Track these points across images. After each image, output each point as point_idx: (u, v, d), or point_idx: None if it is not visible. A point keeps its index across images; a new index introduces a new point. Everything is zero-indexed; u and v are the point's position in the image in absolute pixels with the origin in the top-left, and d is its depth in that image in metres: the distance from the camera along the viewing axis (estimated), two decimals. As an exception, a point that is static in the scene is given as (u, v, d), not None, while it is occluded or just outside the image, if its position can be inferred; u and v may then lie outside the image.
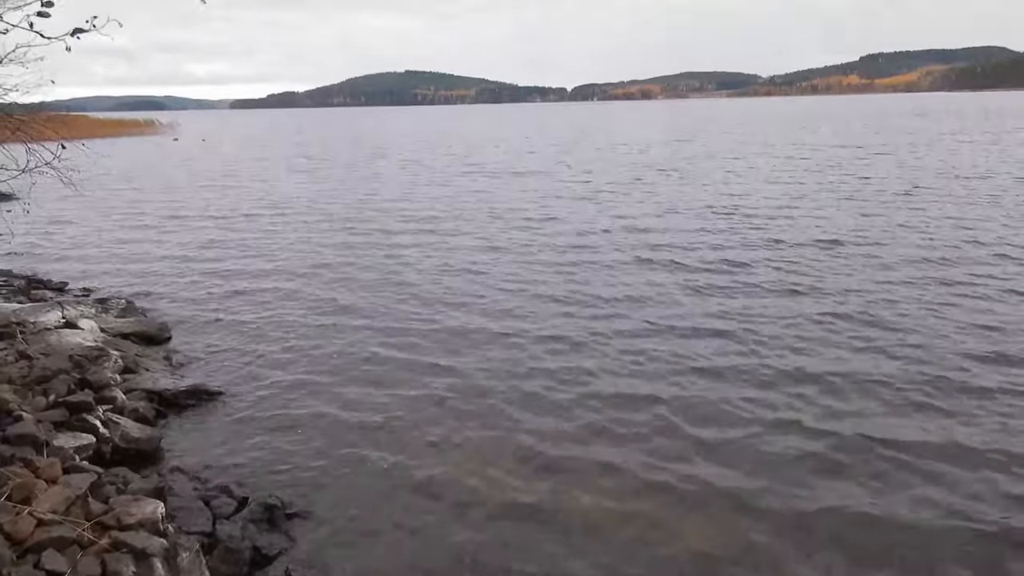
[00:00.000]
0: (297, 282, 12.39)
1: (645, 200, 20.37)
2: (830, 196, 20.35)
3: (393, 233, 16.32)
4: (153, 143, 62.22)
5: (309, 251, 14.76)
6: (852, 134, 50.00)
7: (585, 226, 16.54)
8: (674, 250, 13.72)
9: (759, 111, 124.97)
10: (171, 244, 16.31)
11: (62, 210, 21.34)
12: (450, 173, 29.59)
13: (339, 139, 61.77)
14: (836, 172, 26.41)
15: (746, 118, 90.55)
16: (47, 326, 9.26)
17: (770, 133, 54.60)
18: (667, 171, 28.15)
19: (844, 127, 59.71)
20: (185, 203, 22.71)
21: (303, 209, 20.29)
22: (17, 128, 7.76)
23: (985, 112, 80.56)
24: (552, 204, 20.08)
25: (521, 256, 13.72)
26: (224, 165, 37.06)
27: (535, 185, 24.62)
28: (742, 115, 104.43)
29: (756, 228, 15.74)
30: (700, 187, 22.89)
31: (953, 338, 8.82)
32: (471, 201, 21.20)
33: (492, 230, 16.40)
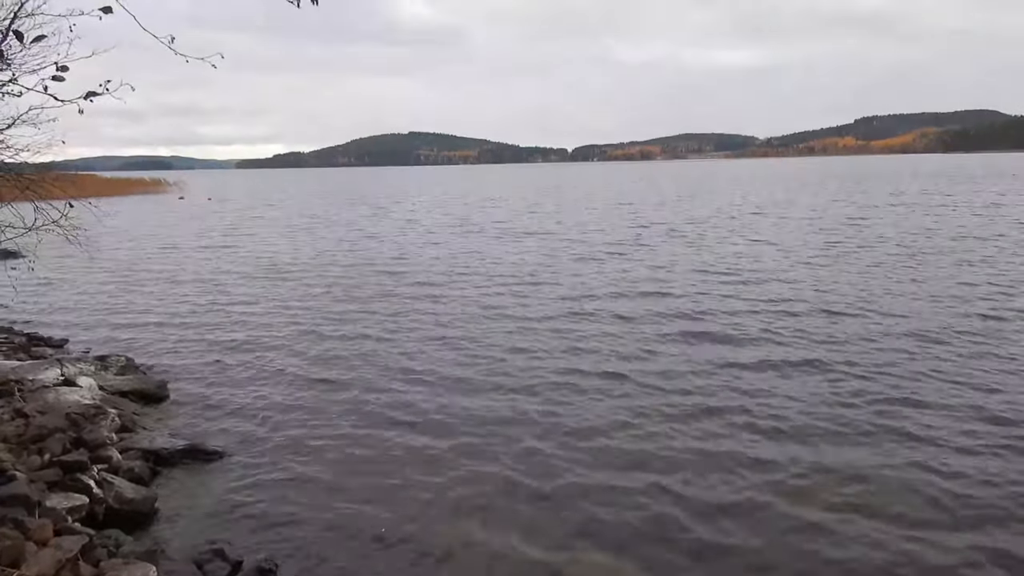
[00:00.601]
0: (294, 344, 12.36)
1: (642, 260, 20.41)
2: (828, 256, 20.43)
3: (388, 295, 16.23)
4: (159, 202, 63.02)
5: (306, 313, 14.71)
6: (851, 194, 50.54)
7: (580, 287, 16.46)
8: (670, 314, 13.62)
9: (758, 172, 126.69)
10: (172, 303, 16.33)
11: (66, 268, 21.46)
12: (448, 233, 29.74)
13: (341, 199, 62.50)
14: (834, 233, 26.58)
15: (745, 178, 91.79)
16: (45, 384, 9.21)
17: (769, 193, 55.23)
18: (665, 230, 28.36)
19: (842, 187, 60.42)
20: (186, 263, 22.81)
21: (302, 270, 20.33)
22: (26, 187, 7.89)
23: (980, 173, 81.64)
24: (549, 265, 20.05)
25: (515, 319, 13.54)
26: (226, 224, 37.40)
27: (533, 245, 24.66)
28: (741, 175, 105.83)
29: (754, 289, 15.73)
30: (698, 247, 22.98)
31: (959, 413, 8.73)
32: (467, 261, 21.25)
33: (486, 291, 16.33)
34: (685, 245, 23.36)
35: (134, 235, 32.42)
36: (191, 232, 33.62)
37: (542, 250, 23.10)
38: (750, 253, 21.64)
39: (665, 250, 22.51)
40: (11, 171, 7.87)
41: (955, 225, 27.43)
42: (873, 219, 31.38)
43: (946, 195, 46.37)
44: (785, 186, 66.20)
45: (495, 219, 36.25)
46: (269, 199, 65.59)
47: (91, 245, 9.59)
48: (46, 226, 8.09)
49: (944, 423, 8.04)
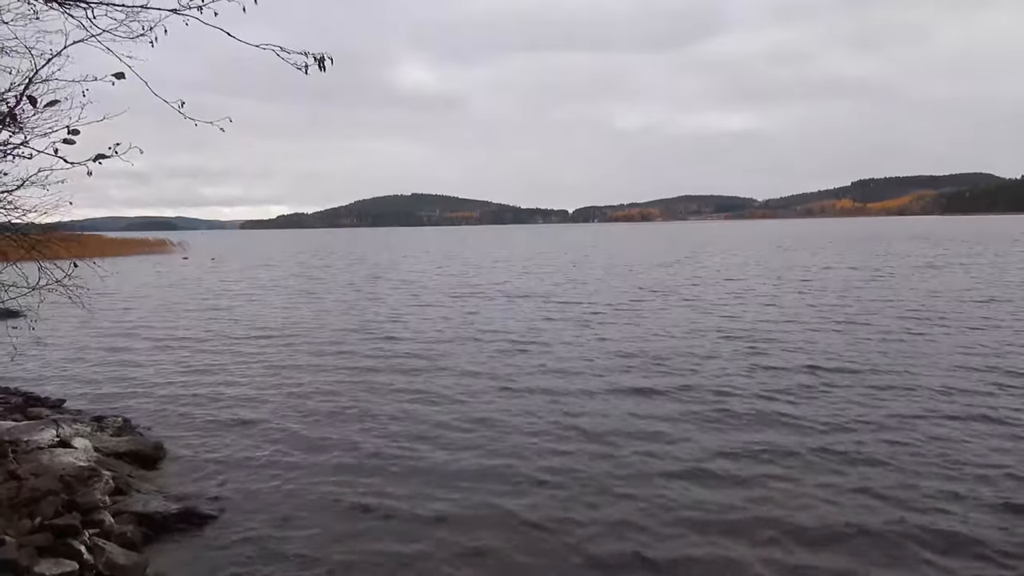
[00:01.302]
0: (288, 406, 12.23)
1: (640, 323, 20.21)
2: (827, 319, 20.37)
3: (381, 358, 15.99)
4: (163, 262, 63.47)
5: (300, 376, 14.52)
6: (849, 256, 50.82)
7: (576, 351, 16.13)
8: (667, 378, 13.33)
9: (757, 233, 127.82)
10: (170, 364, 16.24)
11: (67, 327, 21.45)
12: (445, 294, 29.65)
13: (340, 260, 62.82)
14: (833, 295, 26.62)
15: (744, 239, 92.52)
16: (40, 445, 9.08)
17: (768, 255, 55.58)
18: (664, 293, 28.29)
19: (841, 249, 60.80)
20: (187, 324, 22.77)
21: (296, 332, 20.11)
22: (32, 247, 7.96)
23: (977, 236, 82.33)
24: (545, 328, 19.75)
25: (507, 385, 13.14)
26: (227, 285, 37.50)
27: (530, 307, 24.46)
28: (740, 237, 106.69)
29: (753, 353, 15.53)
30: (697, 310, 22.87)
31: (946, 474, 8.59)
32: (461, 323, 21.06)
33: (478, 355, 16.04)
34: (687, 308, 23.20)
35: (136, 295, 32.52)
36: (191, 293, 33.70)
37: (540, 313, 22.88)
38: (752, 315, 21.50)
39: (665, 313, 22.38)
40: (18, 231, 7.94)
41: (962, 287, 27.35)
42: (877, 280, 31.46)
43: (946, 256, 46.66)
44: (786, 247, 66.69)
45: (493, 280, 36.25)
46: (270, 260, 66.00)
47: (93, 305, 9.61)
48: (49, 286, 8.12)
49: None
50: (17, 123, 6.67)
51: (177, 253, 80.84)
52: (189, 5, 6.25)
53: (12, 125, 6.80)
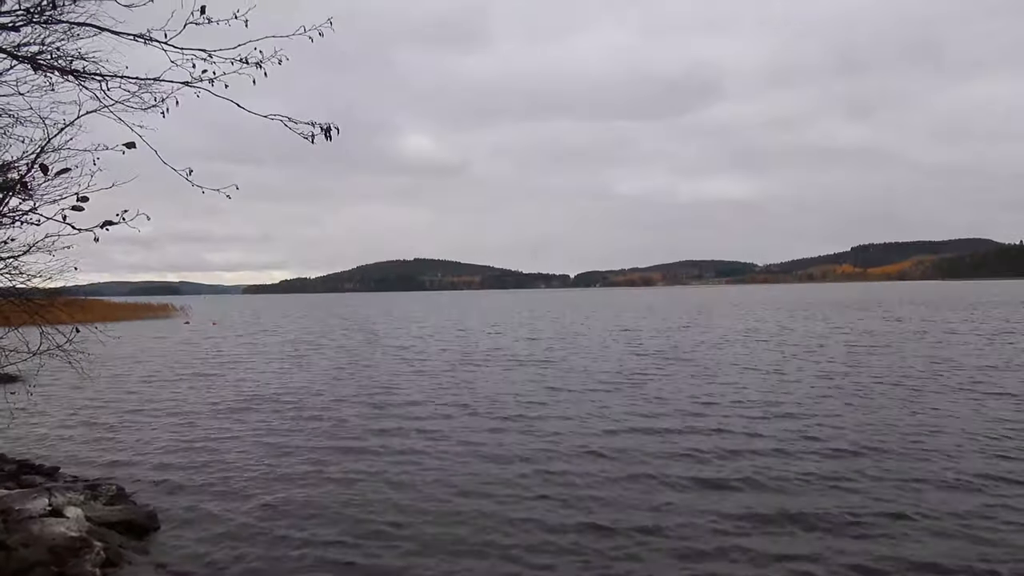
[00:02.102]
0: (281, 477, 11.98)
1: (642, 392, 19.69)
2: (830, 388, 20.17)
3: (374, 429, 15.54)
4: (165, 327, 63.50)
5: (294, 445, 14.17)
6: (852, 322, 50.74)
7: (573, 423, 15.54)
8: (665, 457, 12.55)
9: (759, 297, 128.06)
10: (168, 431, 15.99)
11: (66, 392, 21.30)
12: (441, 361, 29.18)
13: (340, 325, 62.63)
14: (836, 362, 26.47)
15: (746, 304, 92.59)
16: (31, 514, 8.89)
17: (771, 320, 55.54)
18: (667, 359, 27.95)
19: (843, 315, 60.78)
20: (184, 390, 22.49)
21: (292, 400, 19.68)
22: (35, 312, 7.98)
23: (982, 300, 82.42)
24: (542, 398, 19.13)
25: (501, 463, 12.52)
26: (225, 351, 37.31)
27: (528, 375, 23.90)
28: (742, 301, 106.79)
29: (754, 424, 15.23)
30: (702, 378, 22.40)
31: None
32: (459, 392, 20.51)
33: (473, 427, 15.47)
34: (689, 376, 22.73)
35: (136, 360, 32.40)
36: (190, 358, 33.57)
37: (539, 381, 22.33)
38: (756, 383, 21.21)
39: (668, 381, 21.91)
40: (22, 296, 7.98)
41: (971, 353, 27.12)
42: (883, 347, 31.34)
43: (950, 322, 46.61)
44: (788, 312, 66.69)
45: (493, 347, 35.84)
46: (271, 325, 65.99)
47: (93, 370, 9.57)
48: (50, 351, 8.11)
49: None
50: (28, 191, 6.78)
51: (179, 318, 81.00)
52: (201, 78, 6.45)
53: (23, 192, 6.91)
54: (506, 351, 33.11)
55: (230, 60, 6.37)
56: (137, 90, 6.71)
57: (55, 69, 6.84)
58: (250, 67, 6.38)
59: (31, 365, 8.02)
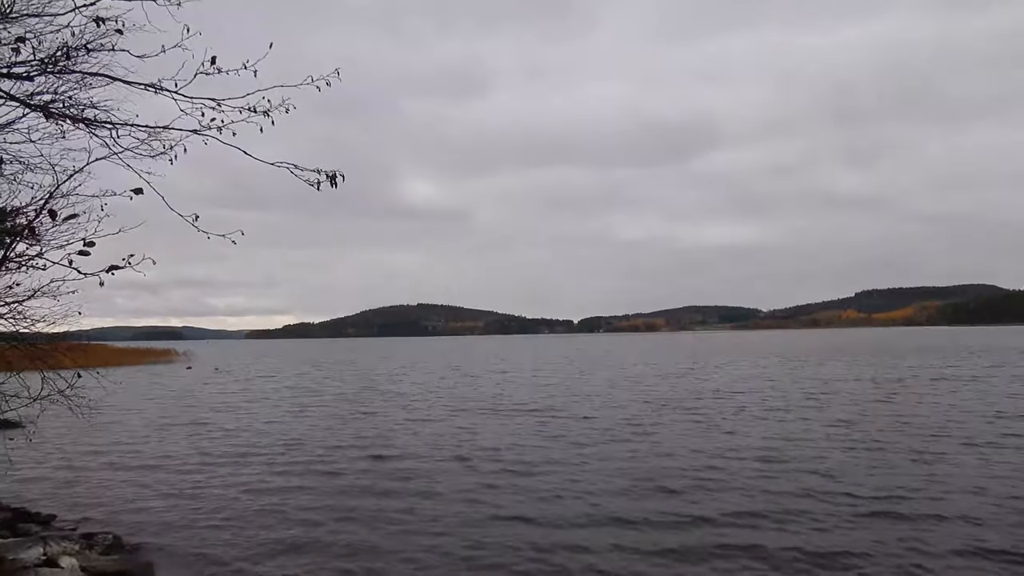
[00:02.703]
0: (275, 529, 11.77)
1: (647, 441, 19.30)
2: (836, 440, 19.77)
3: (367, 479, 15.28)
4: (167, 372, 63.30)
5: (290, 497, 13.87)
6: (861, 369, 50.40)
7: (574, 476, 15.03)
8: (680, 518, 11.93)
9: (763, 343, 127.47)
10: (165, 481, 15.70)
11: (65, 439, 21.12)
12: (442, 409, 28.66)
13: (342, 370, 62.17)
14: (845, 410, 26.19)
15: (750, 350, 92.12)
16: (26, 564, 8.73)
17: (776, 367, 55.16)
18: (670, 407, 27.51)
19: (851, 361, 60.36)
20: (183, 438, 22.12)
21: (289, 449, 19.32)
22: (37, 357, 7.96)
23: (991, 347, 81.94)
24: (544, 447, 18.68)
25: (497, 513, 12.26)
26: (226, 397, 36.95)
27: (530, 424, 23.34)
28: (746, 347, 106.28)
29: (756, 477, 14.80)
30: (705, 427, 21.98)
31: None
32: (456, 442, 20.00)
33: (471, 479, 15.00)
34: (696, 428, 22.18)
35: (136, 406, 32.18)
36: (190, 405, 33.26)
37: (539, 430, 21.84)
38: (768, 433, 20.78)
39: (673, 432, 21.38)
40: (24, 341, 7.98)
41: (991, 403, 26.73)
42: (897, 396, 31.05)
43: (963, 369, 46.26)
44: (795, 358, 66.30)
45: (494, 393, 35.32)
46: (271, 371, 65.60)
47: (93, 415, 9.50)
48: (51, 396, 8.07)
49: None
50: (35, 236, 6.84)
51: (181, 363, 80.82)
52: (209, 125, 6.56)
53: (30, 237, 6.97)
54: (508, 398, 32.67)
55: (238, 109, 6.49)
56: (147, 137, 6.83)
57: (67, 117, 6.97)
58: (258, 115, 6.50)
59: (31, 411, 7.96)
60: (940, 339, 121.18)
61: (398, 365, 70.76)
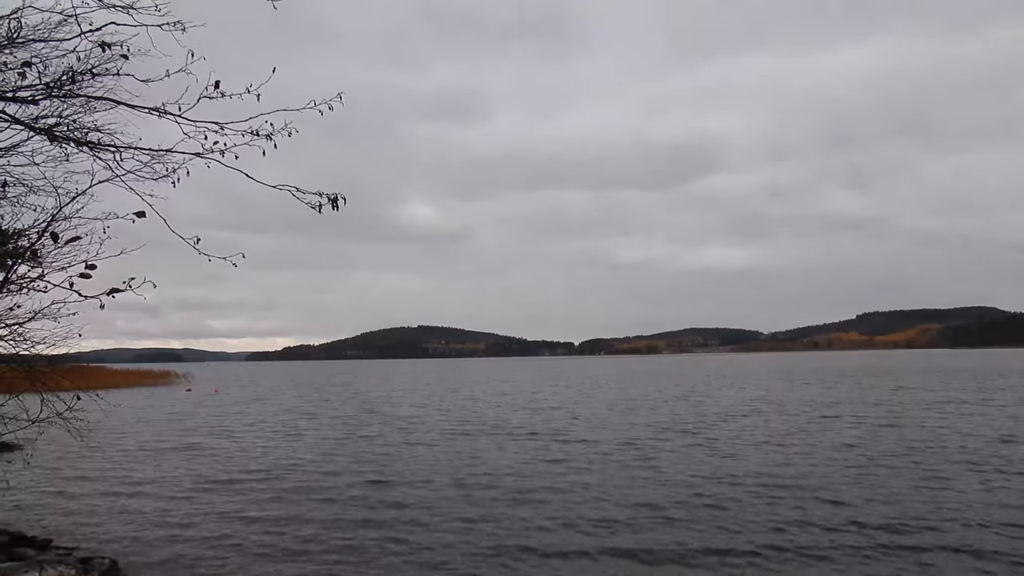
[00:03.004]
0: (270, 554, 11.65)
1: (652, 466, 19.10)
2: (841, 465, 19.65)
3: (364, 506, 15.01)
4: (166, 394, 63.05)
5: (287, 524, 13.66)
6: (864, 392, 50.17)
7: (579, 502, 14.81)
8: (687, 549, 11.65)
9: (766, 366, 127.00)
10: (163, 504, 15.57)
11: (63, 462, 20.98)
12: (442, 432, 28.24)
13: (340, 393, 61.71)
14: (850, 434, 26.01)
15: (753, 372, 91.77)
16: (21, 589, 8.62)
17: (779, 389, 54.93)
18: (675, 431, 27.30)
19: (854, 384, 60.10)
20: (181, 462, 21.86)
21: (287, 474, 19.06)
22: (37, 380, 7.94)
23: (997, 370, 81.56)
24: (546, 473, 18.38)
25: (501, 543, 12.03)
26: (224, 420, 36.57)
27: (532, 448, 23.03)
28: (749, 369, 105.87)
29: (760, 505, 14.64)
30: (707, 452, 21.78)
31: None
32: (456, 467, 19.69)
33: (472, 506, 14.72)
34: (697, 452, 21.96)
35: (134, 429, 31.99)
36: (188, 427, 33.01)
37: (542, 455, 21.51)
38: (770, 458, 20.58)
39: (677, 456, 21.21)
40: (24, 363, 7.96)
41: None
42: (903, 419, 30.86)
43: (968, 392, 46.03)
44: (801, 381, 66.03)
45: (494, 416, 35.04)
46: (270, 392, 65.32)
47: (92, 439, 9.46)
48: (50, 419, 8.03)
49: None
50: (37, 258, 6.85)
51: (181, 385, 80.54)
52: (212, 149, 6.60)
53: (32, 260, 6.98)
54: (507, 421, 32.39)
55: (241, 132, 6.53)
56: (150, 160, 6.87)
57: (71, 141, 7.01)
58: (260, 139, 6.54)
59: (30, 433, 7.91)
60: (943, 362, 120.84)
61: (397, 387, 70.46)
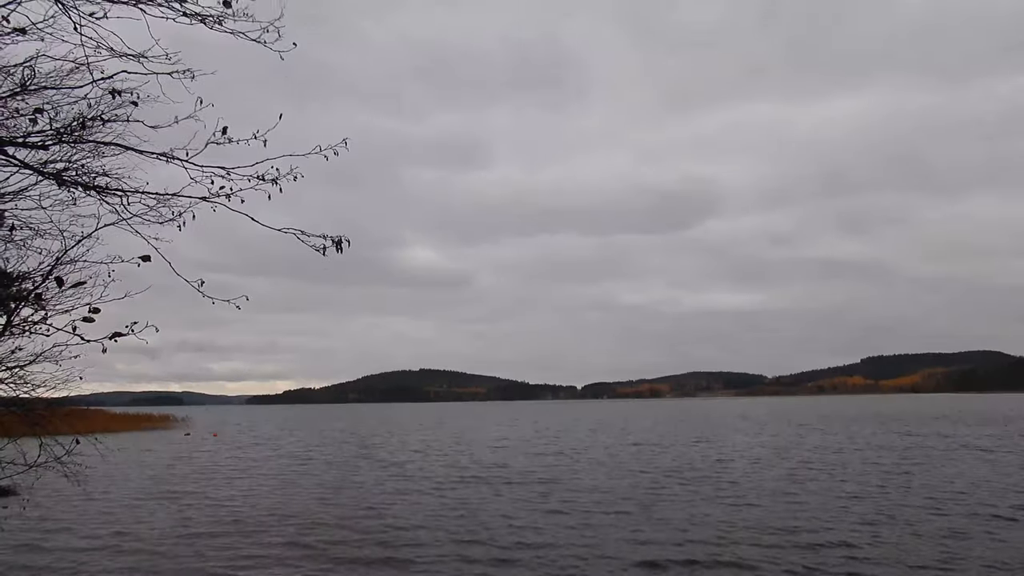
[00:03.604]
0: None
1: (658, 517, 18.65)
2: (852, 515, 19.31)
3: (354, 559, 14.55)
4: (164, 438, 62.50)
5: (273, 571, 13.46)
6: (873, 439, 49.64)
7: (571, 563, 14.02)
8: None
9: (771, 410, 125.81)
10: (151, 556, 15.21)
11: (58, 507, 20.66)
12: (439, 479, 27.71)
13: (338, 438, 60.83)
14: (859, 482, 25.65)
15: (758, 417, 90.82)
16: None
17: (784, 434, 54.35)
18: (679, 478, 26.96)
19: (862, 431, 59.49)
20: (176, 510, 21.35)
21: (276, 526, 18.38)
22: (36, 423, 7.88)
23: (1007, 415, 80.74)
24: (547, 525, 17.73)
25: None
26: (219, 466, 35.89)
27: (533, 496, 22.48)
28: (754, 414, 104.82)
29: (767, 559, 14.12)
30: (711, 500, 21.38)
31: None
32: (453, 517, 19.16)
33: (463, 571, 13.88)
34: (701, 501, 21.52)
35: (131, 474, 31.63)
36: (183, 473, 32.48)
37: (542, 505, 20.81)
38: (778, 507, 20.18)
39: (676, 504, 20.82)
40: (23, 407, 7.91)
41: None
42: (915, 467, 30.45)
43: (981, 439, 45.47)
44: (802, 425, 65.36)
45: (496, 462, 34.43)
46: (268, 437, 64.60)
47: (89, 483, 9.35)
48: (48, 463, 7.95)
49: None
50: (41, 302, 6.86)
51: (180, 429, 79.89)
52: (218, 193, 6.66)
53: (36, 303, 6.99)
54: (508, 468, 31.84)
55: (247, 177, 6.60)
56: (156, 204, 6.93)
57: (79, 185, 7.08)
58: (266, 183, 6.61)
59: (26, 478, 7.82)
60: (950, 406, 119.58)
61: (398, 432, 69.71)
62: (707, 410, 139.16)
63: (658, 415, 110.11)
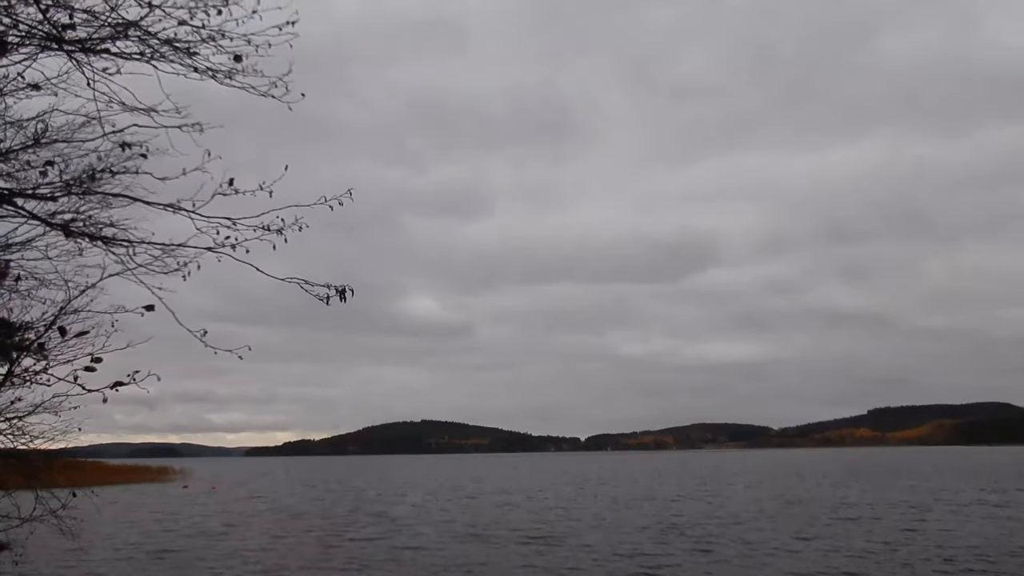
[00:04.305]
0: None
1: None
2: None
3: None
4: (162, 491, 61.56)
5: None
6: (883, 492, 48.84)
7: None
8: None
9: (777, 463, 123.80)
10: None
11: (50, 565, 20.20)
12: (437, 537, 26.75)
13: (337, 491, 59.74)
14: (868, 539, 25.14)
15: (764, 471, 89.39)
16: None
17: (792, 489, 53.47)
18: (676, 535, 26.11)
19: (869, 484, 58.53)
20: (171, 567, 20.83)
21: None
22: (32, 475, 7.77)
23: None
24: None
25: None
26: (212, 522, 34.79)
27: (527, 556, 21.71)
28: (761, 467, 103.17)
29: None
30: (716, 560, 20.62)
31: None
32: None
33: None
34: (705, 560, 20.78)
35: (126, 529, 30.98)
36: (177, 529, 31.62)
37: (538, 566, 20.03)
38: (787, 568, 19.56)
39: (677, 561, 20.27)
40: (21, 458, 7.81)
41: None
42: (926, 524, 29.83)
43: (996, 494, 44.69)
44: (814, 481, 64.29)
45: (495, 519, 33.39)
46: (266, 491, 63.44)
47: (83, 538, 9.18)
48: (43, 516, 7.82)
49: None
50: (43, 352, 6.84)
51: (177, 481, 78.72)
52: (224, 243, 6.70)
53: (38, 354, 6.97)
54: (507, 524, 30.92)
55: (253, 227, 6.65)
56: (161, 254, 6.95)
57: (86, 235, 7.13)
58: (271, 234, 6.65)
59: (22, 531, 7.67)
60: (959, 459, 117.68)
61: (397, 486, 68.46)
62: (710, 463, 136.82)
63: (659, 468, 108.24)
